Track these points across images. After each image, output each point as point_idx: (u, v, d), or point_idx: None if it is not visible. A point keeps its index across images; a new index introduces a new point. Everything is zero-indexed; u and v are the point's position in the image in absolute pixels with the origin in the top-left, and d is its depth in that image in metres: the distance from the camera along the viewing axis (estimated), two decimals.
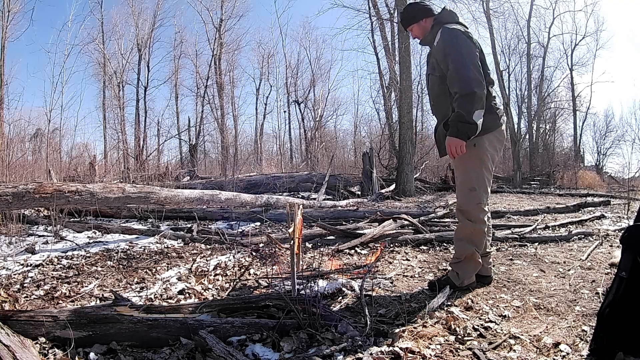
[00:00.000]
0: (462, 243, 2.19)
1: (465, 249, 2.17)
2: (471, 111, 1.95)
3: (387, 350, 1.49)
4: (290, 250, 1.99)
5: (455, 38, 2.04)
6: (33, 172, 6.93)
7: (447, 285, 2.19)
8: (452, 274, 2.23)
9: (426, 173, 12.88)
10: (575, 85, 17.49)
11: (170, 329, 1.64)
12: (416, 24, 2.26)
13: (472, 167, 2.13)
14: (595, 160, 19.24)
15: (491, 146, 2.15)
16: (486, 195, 2.17)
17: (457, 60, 2.00)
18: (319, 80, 19.98)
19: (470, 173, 2.14)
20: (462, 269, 2.20)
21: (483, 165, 2.13)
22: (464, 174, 2.17)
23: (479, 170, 2.13)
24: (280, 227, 4.71)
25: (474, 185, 2.13)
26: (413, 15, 2.26)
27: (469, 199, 2.14)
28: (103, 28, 15.80)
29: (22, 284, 2.50)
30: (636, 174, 12.32)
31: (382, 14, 12.18)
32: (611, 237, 3.75)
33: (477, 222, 2.15)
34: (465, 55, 2.00)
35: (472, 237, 2.17)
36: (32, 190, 3.03)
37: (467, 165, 2.14)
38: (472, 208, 2.14)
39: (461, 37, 2.04)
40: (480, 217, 2.15)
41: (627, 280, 1.36)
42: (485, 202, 2.16)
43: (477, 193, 2.12)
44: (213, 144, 18.27)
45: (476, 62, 2.01)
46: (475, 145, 2.09)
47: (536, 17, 16.66)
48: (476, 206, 2.13)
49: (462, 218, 2.19)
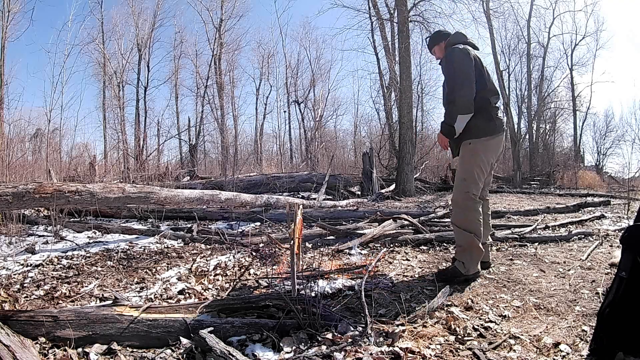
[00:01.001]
0: (460, 231, 2.42)
1: (465, 236, 2.39)
2: (451, 116, 2.38)
3: (387, 350, 1.49)
4: (290, 250, 1.99)
5: (452, 55, 2.43)
6: (33, 172, 6.93)
7: (454, 275, 2.36)
8: (458, 263, 2.40)
9: (426, 173, 12.88)
10: (575, 85, 17.51)
11: (170, 329, 1.64)
12: (437, 46, 2.71)
13: (465, 162, 2.46)
14: (595, 160, 19.27)
15: (487, 149, 2.45)
16: (475, 187, 2.43)
17: (448, 73, 2.45)
18: (319, 80, 20.01)
19: (463, 166, 2.47)
20: (466, 258, 2.38)
21: (474, 162, 2.42)
22: (460, 167, 2.50)
23: (470, 166, 2.43)
24: (280, 227, 4.71)
25: (464, 177, 2.44)
26: (435, 39, 2.73)
27: (459, 188, 2.46)
28: (103, 28, 15.81)
29: (22, 284, 2.50)
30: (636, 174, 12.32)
31: (382, 14, 12.17)
32: (611, 237, 3.75)
33: (465, 209, 2.42)
34: (456, 69, 2.38)
35: (466, 224, 2.40)
36: (32, 190, 3.03)
37: (461, 160, 2.48)
38: (461, 197, 2.44)
39: (457, 55, 2.41)
40: (468, 205, 2.41)
41: (627, 280, 1.36)
42: (473, 192, 2.42)
43: (466, 183, 2.43)
44: (213, 144, 18.27)
45: (465, 74, 2.35)
46: (470, 143, 2.44)
47: (536, 17, 16.62)
48: (465, 194, 2.41)
49: (454, 207, 2.51)
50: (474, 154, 2.42)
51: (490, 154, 2.46)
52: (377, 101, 15.53)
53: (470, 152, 2.44)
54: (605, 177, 15.62)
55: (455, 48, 2.45)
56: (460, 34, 2.61)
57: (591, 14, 17.16)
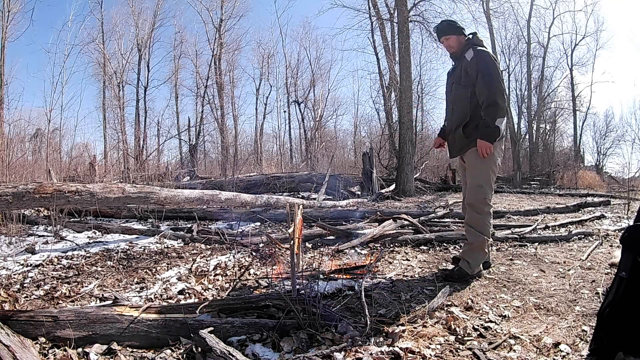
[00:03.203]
0: (473, 231, 2.49)
1: (477, 236, 2.47)
2: (494, 118, 2.37)
3: (387, 350, 1.49)
4: (290, 250, 1.99)
5: (488, 58, 2.47)
6: (33, 172, 6.93)
7: (462, 276, 2.41)
8: (464, 263, 2.47)
9: (426, 173, 12.89)
10: (576, 85, 17.49)
11: (170, 329, 1.64)
12: (455, 37, 2.61)
13: (483, 168, 2.47)
14: (595, 160, 19.23)
15: (499, 151, 2.53)
16: (490, 192, 2.52)
17: (487, 75, 2.41)
18: (319, 80, 20.00)
19: (479, 171, 2.49)
20: (473, 257, 2.46)
21: (489, 166, 2.47)
22: (475, 172, 2.50)
23: (487, 170, 2.48)
24: (280, 227, 4.71)
25: (481, 183, 2.47)
26: (455, 29, 2.61)
27: (476, 194, 2.49)
28: (103, 28, 15.82)
29: (22, 284, 2.50)
30: (636, 174, 12.31)
31: (382, 14, 12.17)
32: (611, 237, 3.75)
33: (482, 213, 2.48)
34: (493, 73, 2.42)
35: (480, 227, 2.47)
36: (32, 190, 3.03)
37: (475, 164, 2.49)
38: (478, 202, 2.48)
39: (491, 59, 2.47)
40: (485, 210, 2.49)
41: (627, 280, 1.36)
42: (489, 197, 2.51)
43: (483, 189, 2.47)
44: (213, 144, 18.27)
45: (501, 79, 2.43)
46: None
47: (536, 17, 16.61)
48: (482, 200, 2.48)
49: (470, 210, 2.52)
50: (491, 159, 2.45)
51: (500, 156, 2.54)
52: (377, 101, 15.53)
53: (488, 157, 2.44)
54: (605, 177, 15.62)
55: (488, 51, 2.50)
56: (480, 37, 2.63)
57: (591, 14, 17.14)
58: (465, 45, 2.58)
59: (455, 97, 2.61)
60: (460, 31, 2.61)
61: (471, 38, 2.60)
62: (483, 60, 2.44)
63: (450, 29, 2.63)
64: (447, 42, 2.64)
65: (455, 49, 2.62)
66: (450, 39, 2.62)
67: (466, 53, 2.53)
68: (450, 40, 2.62)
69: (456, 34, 2.61)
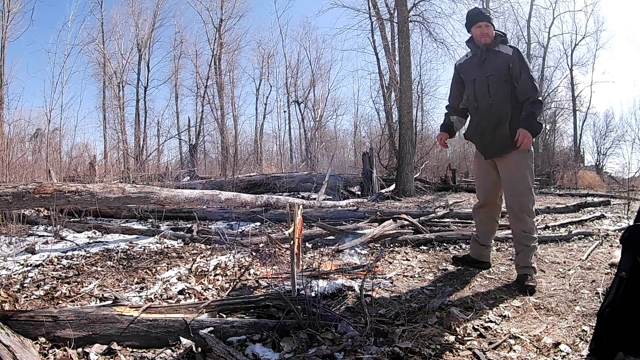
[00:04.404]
0: (529, 236, 2.37)
1: (533, 240, 2.37)
2: (540, 114, 2.36)
3: (387, 350, 1.49)
4: (290, 250, 1.99)
5: (523, 55, 2.40)
6: (33, 172, 6.93)
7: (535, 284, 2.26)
8: (529, 270, 2.33)
9: (426, 173, 12.88)
10: (576, 85, 17.52)
11: (170, 329, 1.64)
12: (492, 29, 2.47)
13: (529, 170, 2.40)
14: (595, 160, 19.23)
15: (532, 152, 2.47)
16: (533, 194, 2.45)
17: (529, 73, 2.35)
18: (318, 80, 20.03)
19: (528, 174, 2.40)
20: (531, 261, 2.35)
21: (530, 168, 2.42)
22: (521, 174, 2.39)
23: (530, 172, 2.42)
24: (280, 227, 4.71)
25: (531, 185, 2.41)
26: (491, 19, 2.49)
27: (528, 197, 2.38)
28: (103, 28, 15.86)
29: (22, 284, 2.50)
30: (636, 174, 12.28)
31: (382, 14, 12.16)
32: (611, 237, 3.75)
33: (533, 217, 2.41)
34: (532, 72, 2.38)
35: (534, 231, 2.40)
36: (32, 190, 3.03)
37: (525, 167, 2.39)
38: (531, 205, 2.39)
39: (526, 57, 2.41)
40: (534, 212, 2.42)
41: (627, 280, 1.36)
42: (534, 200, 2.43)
43: (532, 191, 2.41)
44: (213, 144, 18.29)
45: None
46: (528, 150, 2.38)
47: (536, 17, 16.64)
48: (533, 202, 2.41)
49: (523, 215, 2.38)
50: (532, 160, 2.41)
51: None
52: (377, 101, 15.49)
53: (530, 159, 2.40)
54: (605, 177, 15.60)
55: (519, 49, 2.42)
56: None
57: (591, 14, 17.17)
58: (496, 38, 2.44)
59: (496, 92, 2.41)
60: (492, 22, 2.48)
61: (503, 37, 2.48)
62: (524, 59, 2.37)
63: (491, 17, 2.47)
64: (487, 30, 2.44)
65: (490, 39, 2.44)
66: (490, 28, 2.44)
67: (500, 47, 2.40)
68: (490, 29, 2.44)
69: (492, 25, 2.46)
